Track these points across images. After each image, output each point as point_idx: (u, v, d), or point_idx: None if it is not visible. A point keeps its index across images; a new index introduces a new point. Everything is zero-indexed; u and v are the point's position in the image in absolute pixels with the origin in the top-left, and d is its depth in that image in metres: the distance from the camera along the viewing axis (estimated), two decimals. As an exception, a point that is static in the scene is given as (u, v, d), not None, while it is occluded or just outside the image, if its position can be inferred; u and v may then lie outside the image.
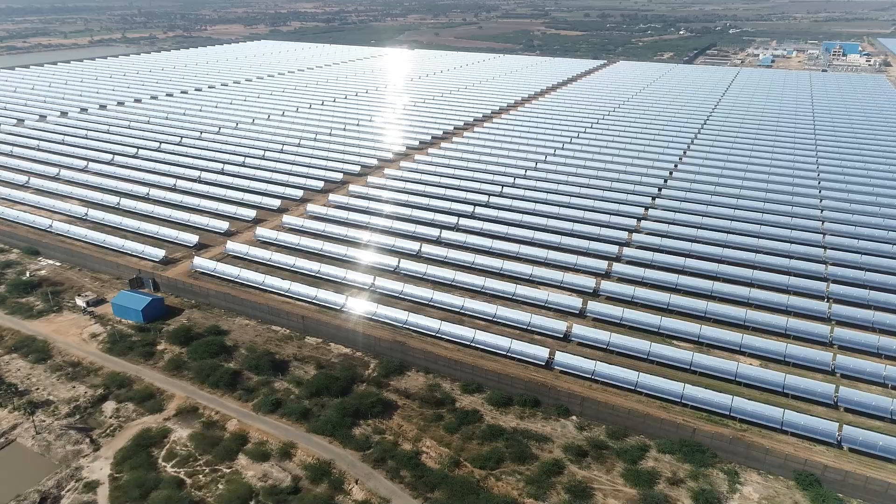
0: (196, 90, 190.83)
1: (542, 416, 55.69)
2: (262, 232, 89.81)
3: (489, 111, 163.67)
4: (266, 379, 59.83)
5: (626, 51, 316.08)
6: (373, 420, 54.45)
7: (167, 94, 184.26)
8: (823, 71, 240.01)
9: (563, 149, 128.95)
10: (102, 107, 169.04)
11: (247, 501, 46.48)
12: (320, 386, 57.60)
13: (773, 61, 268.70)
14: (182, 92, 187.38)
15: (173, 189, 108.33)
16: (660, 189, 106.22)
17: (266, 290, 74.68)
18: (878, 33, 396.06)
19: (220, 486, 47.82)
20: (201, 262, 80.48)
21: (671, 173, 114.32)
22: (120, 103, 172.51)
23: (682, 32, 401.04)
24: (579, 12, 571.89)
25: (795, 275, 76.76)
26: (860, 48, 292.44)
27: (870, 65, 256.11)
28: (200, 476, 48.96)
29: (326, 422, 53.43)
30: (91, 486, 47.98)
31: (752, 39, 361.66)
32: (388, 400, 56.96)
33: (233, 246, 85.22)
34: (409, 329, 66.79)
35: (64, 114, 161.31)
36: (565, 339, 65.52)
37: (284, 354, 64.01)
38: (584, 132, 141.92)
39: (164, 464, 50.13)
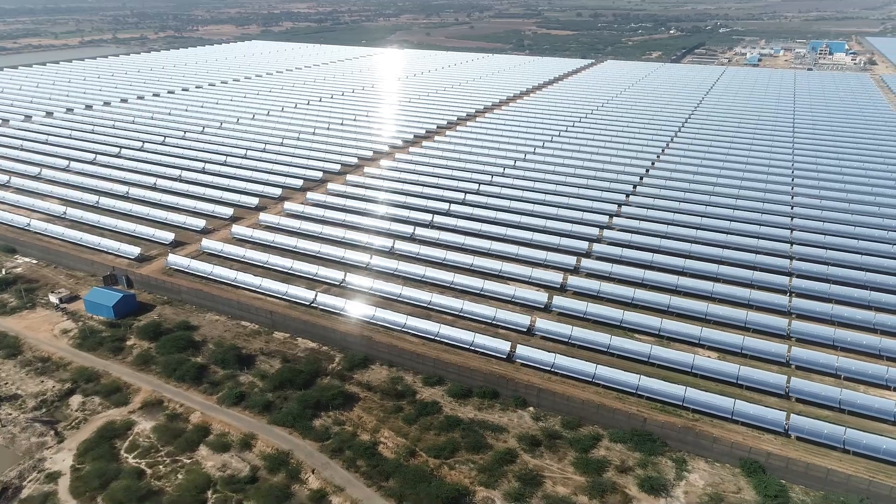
0: (183, 90, 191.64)
1: (500, 407, 56.85)
2: (237, 230, 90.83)
3: (473, 111, 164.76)
4: (232, 373, 60.90)
5: (615, 50, 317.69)
6: (333, 412, 55.56)
7: (154, 94, 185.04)
8: (809, 70, 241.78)
9: (542, 147, 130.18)
10: (88, 107, 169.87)
11: (204, 490, 47.53)
12: (284, 379, 58.71)
13: (759, 60, 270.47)
14: (169, 92, 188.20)
15: (153, 188, 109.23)
16: (635, 187, 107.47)
17: (238, 287, 75.75)
18: (866, 32, 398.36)
19: (180, 476, 48.87)
20: (176, 259, 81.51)
21: (647, 171, 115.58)
22: (106, 103, 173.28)
23: (672, 32, 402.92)
24: (572, 12, 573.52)
25: (760, 270, 78.13)
26: (847, 47, 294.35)
27: (855, 63, 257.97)
28: (161, 467, 50.00)
29: (287, 414, 54.53)
30: (52, 477, 48.98)
31: (742, 38, 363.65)
32: (349, 392, 58.08)
33: (208, 243, 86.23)
34: (375, 324, 67.95)
35: (49, 114, 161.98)
36: (529, 332, 66.70)
37: (251, 349, 65.09)
38: (566, 131, 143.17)
39: (125, 455, 51.15)
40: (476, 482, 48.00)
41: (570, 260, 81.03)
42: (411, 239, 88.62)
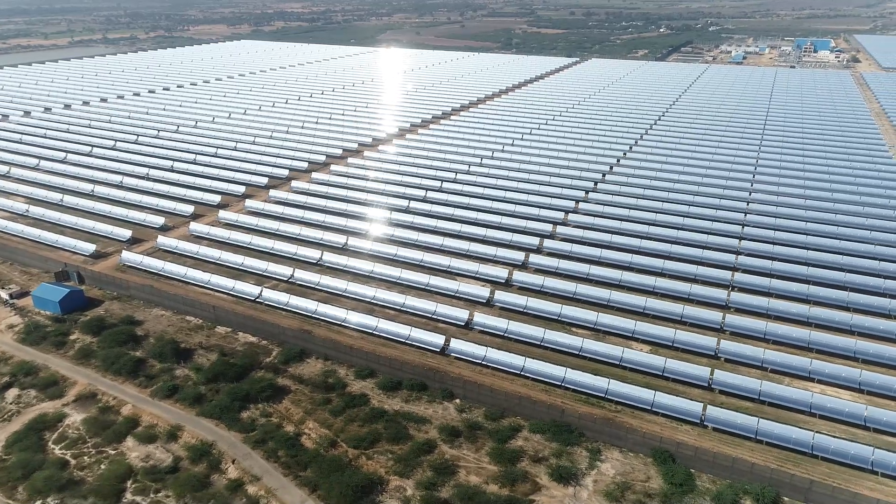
0: (164, 89, 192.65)
1: (427, 399, 57.77)
2: (195, 227, 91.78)
3: (449, 108, 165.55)
4: (169, 366, 61.86)
5: (603, 48, 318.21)
6: (262, 404, 56.54)
7: (134, 94, 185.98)
8: (791, 67, 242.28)
9: (512, 145, 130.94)
10: (67, 106, 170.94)
11: (124, 480, 48.50)
12: (217, 372, 59.69)
13: (744, 58, 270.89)
14: (150, 91, 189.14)
15: (119, 186, 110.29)
16: (596, 184, 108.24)
17: (187, 283, 76.75)
18: (857, 30, 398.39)
19: (103, 467, 49.83)
20: (129, 256, 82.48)
21: (611, 168, 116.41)
22: (85, 103, 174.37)
23: (662, 30, 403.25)
24: (565, 10, 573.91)
25: (706, 265, 78.92)
26: (832, 45, 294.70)
27: (838, 61, 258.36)
28: (85, 457, 50.96)
29: (215, 406, 55.51)
30: (-23, 468, 50.00)
31: (730, 36, 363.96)
32: (280, 385, 59.03)
33: (164, 240, 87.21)
34: (317, 318, 68.91)
35: (27, 113, 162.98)
36: (467, 326, 67.63)
37: (191, 343, 66.05)
38: (538, 128, 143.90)
39: (53, 446, 52.13)
40: (391, 472, 48.93)
41: (519, 256, 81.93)
42: (365, 236, 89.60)
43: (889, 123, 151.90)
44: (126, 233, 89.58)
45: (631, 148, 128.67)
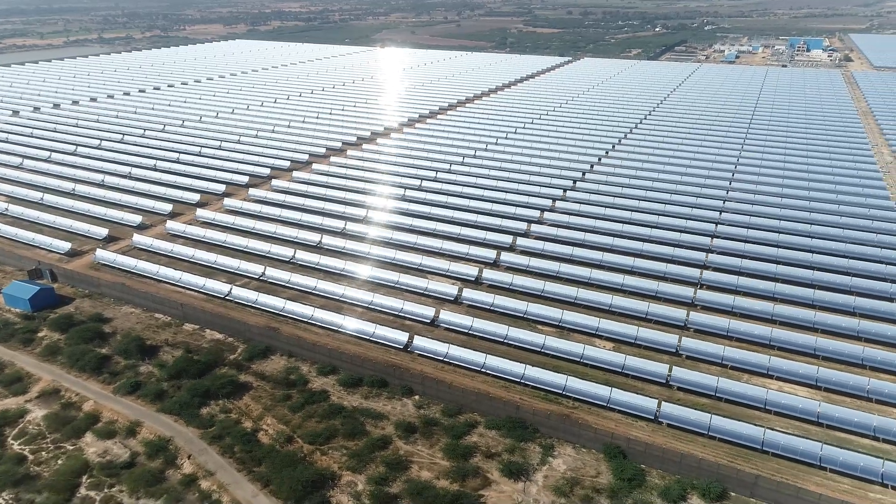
0: (154, 89, 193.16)
1: (386, 395, 58.17)
2: (172, 225, 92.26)
3: (437, 108, 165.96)
4: (133, 363, 62.32)
5: (597, 48, 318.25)
6: (222, 400, 56.96)
7: (124, 93, 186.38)
8: (783, 66, 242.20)
9: (496, 143, 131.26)
10: (56, 105, 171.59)
11: (80, 475, 48.95)
12: (180, 369, 60.12)
13: (737, 57, 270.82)
14: (140, 91, 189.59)
15: (101, 185, 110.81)
16: (575, 182, 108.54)
17: (159, 280, 77.23)
18: (853, 29, 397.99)
19: (60, 462, 50.30)
20: (104, 254, 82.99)
21: (592, 167, 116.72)
22: (75, 102, 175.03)
23: (657, 29, 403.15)
24: (563, 10, 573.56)
25: (677, 263, 79.21)
26: (825, 44, 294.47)
27: (831, 60, 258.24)
28: (43, 453, 51.42)
29: (175, 402, 55.97)
30: (-64, 463, 50.49)
31: (726, 36, 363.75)
32: (242, 382, 59.46)
33: (139, 238, 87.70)
34: (284, 316, 69.33)
35: (15, 113, 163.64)
36: (433, 324, 68.05)
37: (158, 340, 66.51)
38: (523, 127, 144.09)
39: (12, 442, 52.61)
40: (344, 467, 49.33)
41: (492, 254, 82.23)
42: (342, 234, 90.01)
43: (875, 123, 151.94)
44: (103, 231, 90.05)
45: (614, 147, 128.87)
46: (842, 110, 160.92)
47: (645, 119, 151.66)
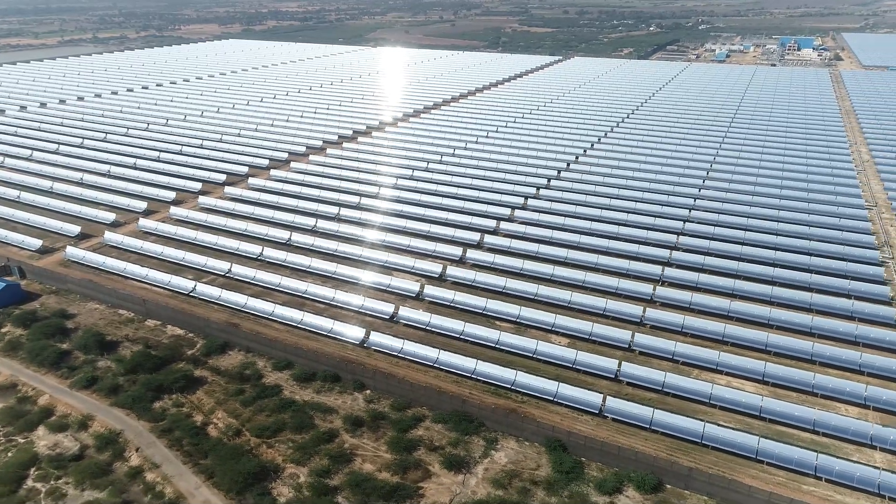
0: (143, 88, 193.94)
1: (339, 390, 58.87)
2: (144, 223, 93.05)
3: (421, 107, 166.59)
4: (92, 358, 63.09)
5: (589, 47, 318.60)
6: (176, 394, 57.71)
7: (112, 92, 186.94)
8: (772, 65, 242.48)
9: (476, 142, 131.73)
10: (43, 105, 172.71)
11: (28, 468, 49.64)
12: (136, 363, 60.85)
13: (727, 56, 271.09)
14: (128, 90, 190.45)
15: (79, 183, 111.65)
16: (549, 181, 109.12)
17: (126, 277, 77.98)
18: (847, 28, 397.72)
19: (10, 455, 51.04)
20: (73, 251, 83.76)
21: (569, 165, 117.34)
22: (62, 101, 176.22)
23: (651, 29, 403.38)
24: (559, 9, 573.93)
25: (640, 260, 79.85)
26: (815, 43, 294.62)
27: (821, 59, 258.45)
28: (-5, 446, 52.27)
29: (128, 396, 56.70)
30: None
31: (719, 35, 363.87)
32: (197, 376, 60.20)
33: (110, 236, 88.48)
34: (246, 312, 70.03)
35: (1, 111, 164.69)
36: (392, 320, 68.76)
37: (119, 335, 67.28)
38: (505, 126, 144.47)
39: (-35, 436, 53.44)
40: (288, 459, 50.03)
41: (458, 251, 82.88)
42: (312, 232, 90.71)
43: (857, 122, 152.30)
44: (75, 229, 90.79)
45: (592, 146, 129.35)
46: (824, 109, 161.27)
47: (627, 118, 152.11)
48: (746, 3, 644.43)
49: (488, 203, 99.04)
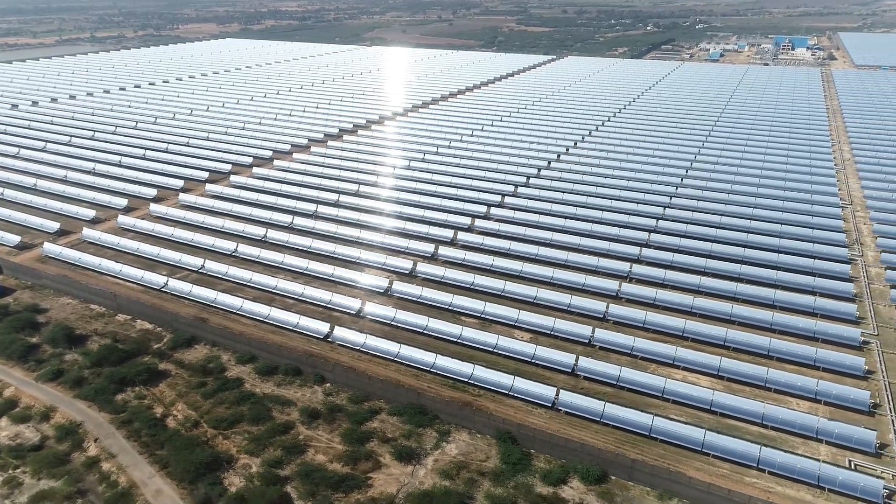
0: (135, 87, 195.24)
1: (299, 383, 59.74)
2: (123, 220, 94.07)
3: (410, 105, 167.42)
4: (60, 351, 64.09)
5: (585, 46, 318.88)
6: (139, 387, 58.63)
7: (104, 91, 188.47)
8: (765, 65, 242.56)
9: (460, 140, 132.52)
10: (35, 103, 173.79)
11: (-12, 458, 50.79)
12: (101, 356, 61.84)
13: (721, 55, 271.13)
14: (121, 88, 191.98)
15: (63, 181, 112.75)
16: (529, 178, 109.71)
17: (101, 273, 78.96)
18: (845, 28, 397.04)
19: (-30, 445, 52.11)
20: (51, 247, 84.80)
21: (549, 164, 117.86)
22: (54, 99, 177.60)
23: (649, 28, 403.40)
24: (558, 9, 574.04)
25: (610, 257, 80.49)
26: (810, 42, 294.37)
27: (814, 58, 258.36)
28: (-43, 437, 53.26)
29: (91, 388, 57.68)
30: None
31: (715, 34, 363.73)
32: (162, 369, 61.14)
33: (88, 232, 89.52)
34: (215, 307, 70.93)
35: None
36: (358, 315, 69.58)
37: (88, 329, 68.28)
38: (491, 125, 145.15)
39: (-72, 426, 54.45)
40: (243, 450, 50.91)
41: (430, 248, 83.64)
42: (289, 228, 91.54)
43: (842, 121, 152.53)
44: (54, 225, 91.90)
45: (575, 144, 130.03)
46: (811, 108, 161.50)
47: (613, 116, 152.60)
48: (746, 2, 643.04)
49: (465, 201, 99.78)
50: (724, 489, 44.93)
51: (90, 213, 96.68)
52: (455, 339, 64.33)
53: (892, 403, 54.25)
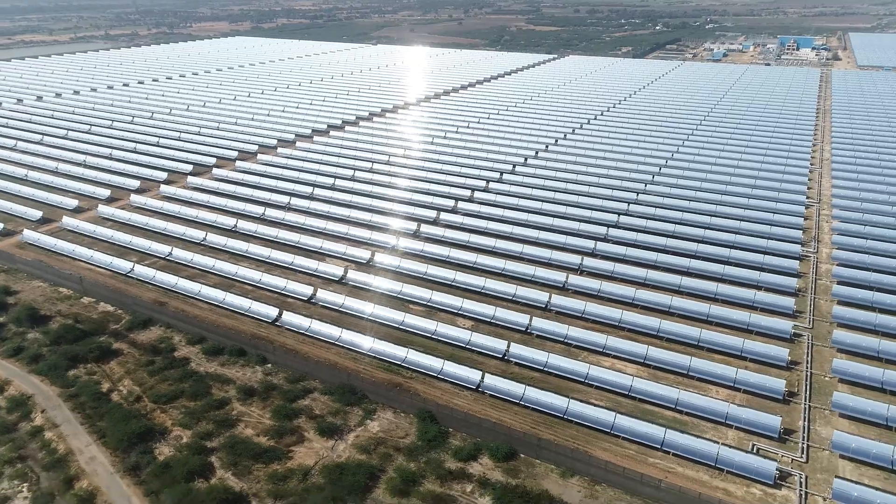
0: (139, 83, 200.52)
1: (242, 363, 62.55)
2: (103, 209, 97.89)
3: (403, 103, 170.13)
4: (23, 330, 67.62)
5: (590, 46, 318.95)
6: (91, 364, 61.85)
7: (108, 87, 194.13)
8: (767, 65, 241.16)
9: (444, 138, 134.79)
10: (39, 98, 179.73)
11: (-62, 427, 54.23)
12: (60, 335, 65.21)
13: (724, 55, 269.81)
14: (124, 84, 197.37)
15: (54, 172, 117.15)
16: (501, 175, 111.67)
17: (73, 258, 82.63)
18: (860, 28, 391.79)
19: (-77, 415, 55.61)
20: (30, 234, 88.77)
21: (526, 160, 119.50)
22: (58, 94, 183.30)
23: (658, 27, 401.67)
24: (570, 8, 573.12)
25: (567, 251, 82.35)
26: (816, 42, 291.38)
27: (818, 58, 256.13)
28: (-87, 408, 56.81)
29: (44, 364, 61.03)
30: None
31: (724, 34, 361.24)
32: (115, 348, 64.35)
33: (69, 221, 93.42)
34: (176, 292, 74.10)
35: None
36: (310, 301, 72.29)
37: (53, 310, 71.79)
38: (478, 122, 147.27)
39: None
40: (177, 423, 53.78)
41: (393, 239, 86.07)
42: (261, 219, 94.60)
43: (830, 123, 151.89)
44: (37, 213, 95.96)
45: (556, 141, 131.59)
46: (801, 108, 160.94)
47: (601, 115, 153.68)
48: (761, 2, 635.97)
49: (435, 195, 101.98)
50: (621, 467, 46.77)
51: (73, 202, 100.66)
52: (397, 326, 66.76)
53: (808, 392, 55.62)
